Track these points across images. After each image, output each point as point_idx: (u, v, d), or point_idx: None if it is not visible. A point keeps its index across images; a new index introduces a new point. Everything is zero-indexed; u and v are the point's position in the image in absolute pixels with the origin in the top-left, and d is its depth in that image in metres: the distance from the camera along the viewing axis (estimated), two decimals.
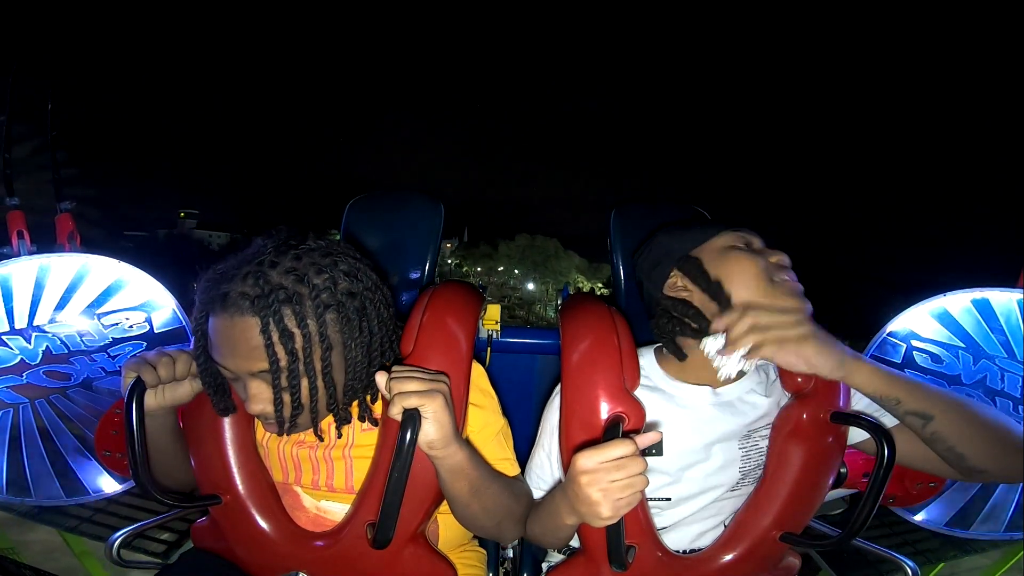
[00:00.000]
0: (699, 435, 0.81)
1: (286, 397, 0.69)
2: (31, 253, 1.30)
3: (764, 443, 0.83)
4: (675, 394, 0.83)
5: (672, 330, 0.82)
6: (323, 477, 0.82)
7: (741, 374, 0.81)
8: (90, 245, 1.38)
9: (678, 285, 0.83)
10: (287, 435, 0.73)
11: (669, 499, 0.82)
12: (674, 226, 0.88)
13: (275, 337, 0.65)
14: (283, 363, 0.66)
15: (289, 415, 0.70)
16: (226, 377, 0.72)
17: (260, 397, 0.69)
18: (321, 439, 0.80)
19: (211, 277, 0.70)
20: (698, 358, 0.78)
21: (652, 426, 0.80)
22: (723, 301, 0.77)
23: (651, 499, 0.81)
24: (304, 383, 0.69)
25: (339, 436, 0.82)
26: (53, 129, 1.47)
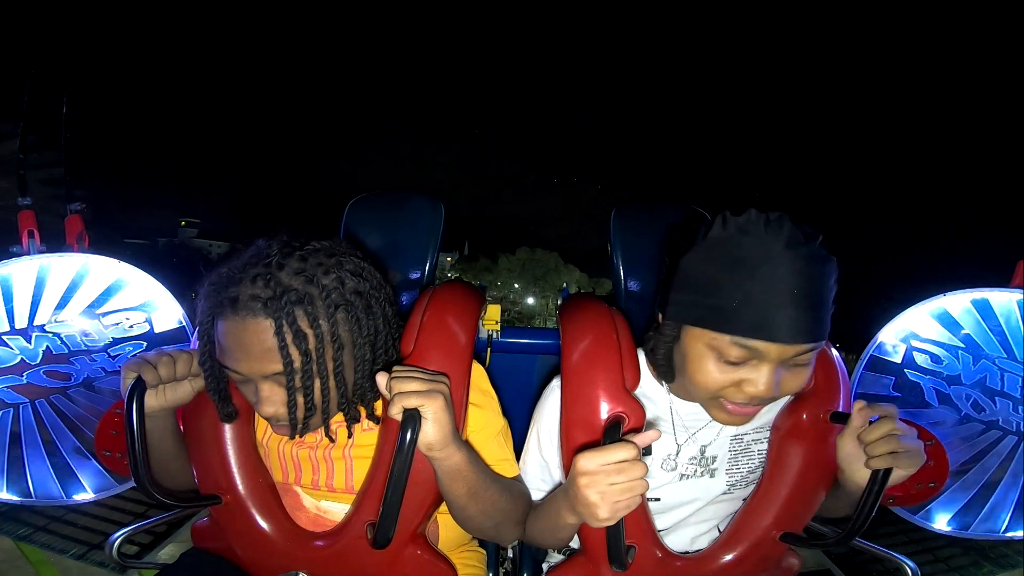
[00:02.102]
0: (681, 431, 0.82)
1: (300, 398, 0.69)
2: (41, 252, 1.30)
3: (755, 447, 0.84)
4: (658, 399, 0.83)
5: (650, 342, 0.79)
6: (323, 477, 0.82)
7: None
8: (91, 251, 1.39)
9: (659, 322, 0.76)
10: (299, 436, 0.73)
11: (659, 499, 0.82)
12: (711, 277, 0.66)
13: (289, 338, 0.65)
14: (297, 364, 0.66)
15: (302, 416, 0.70)
16: (234, 381, 0.72)
17: (273, 399, 0.69)
18: (332, 440, 0.80)
19: (215, 281, 0.69)
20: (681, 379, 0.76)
21: (652, 425, 0.80)
22: (664, 374, 0.77)
23: None
24: (317, 383, 0.69)
25: (336, 437, 0.82)
26: (66, 132, 1.48)
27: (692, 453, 0.82)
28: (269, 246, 0.71)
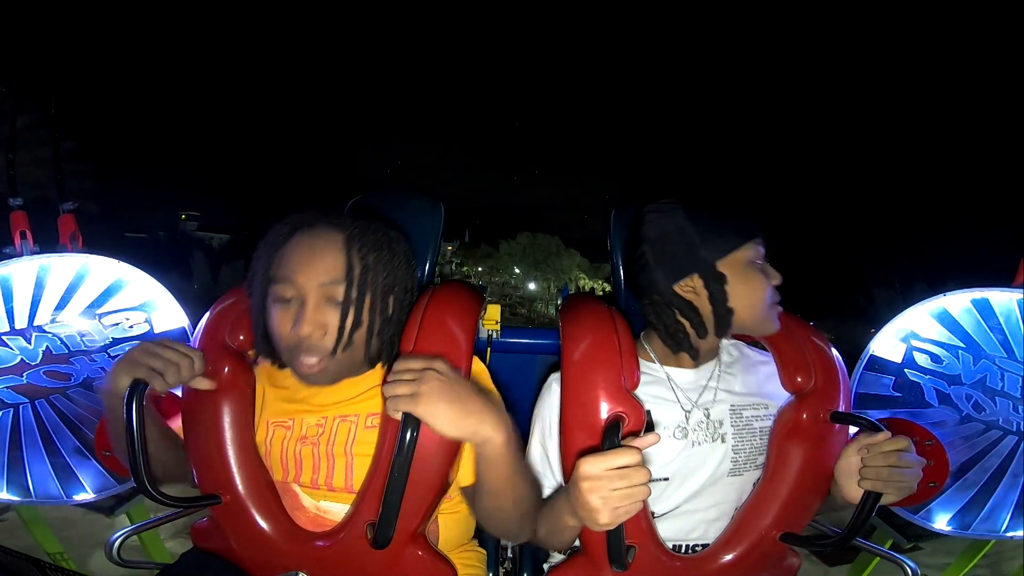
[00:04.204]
0: (683, 398, 0.85)
1: (352, 310, 0.76)
2: (33, 253, 1.30)
3: (757, 424, 0.85)
4: (656, 374, 0.87)
5: (674, 325, 0.84)
6: (323, 475, 0.82)
7: (711, 355, 0.88)
8: (91, 247, 1.38)
9: (691, 288, 0.83)
10: (335, 355, 0.76)
11: (667, 479, 0.83)
12: (700, 219, 0.83)
13: (355, 249, 0.77)
14: (356, 273, 0.76)
15: (351, 326, 0.76)
16: (278, 303, 0.77)
17: (313, 319, 0.75)
18: (373, 365, 0.84)
19: (289, 219, 0.80)
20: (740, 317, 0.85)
21: (652, 427, 0.81)
22: (724, 324, 0.83)
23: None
24: (368, 299, 0.77)
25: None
26: (56, 130, 1.47)
27: (699, 418, 0.84)
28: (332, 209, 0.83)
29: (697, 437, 0.84)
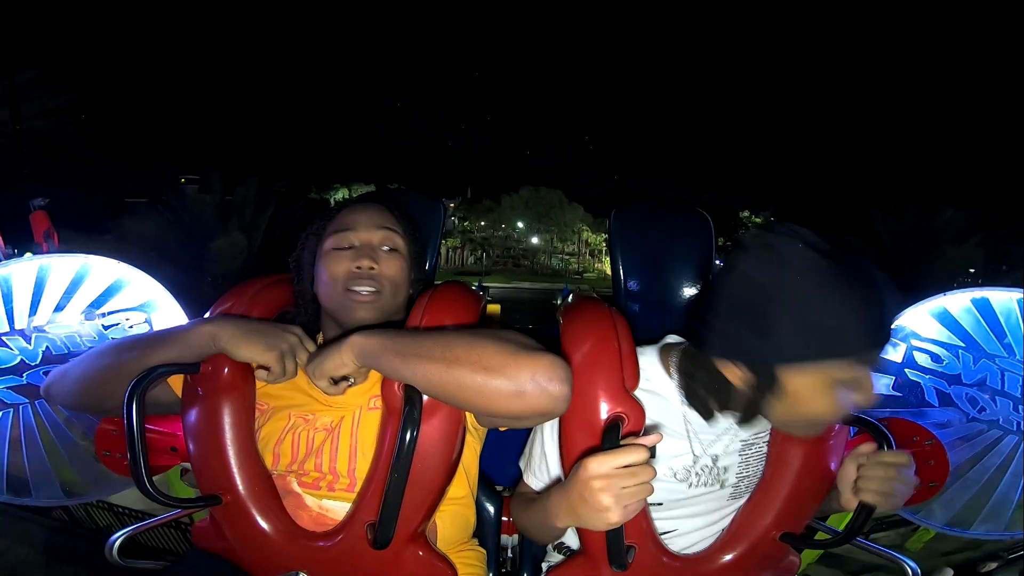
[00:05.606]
0: (696, 442, 0.81)
1: (395, 256, 0.91)
2: (6, 254, 1.30)
3: (766, 448, 0.83)
4: (672, 407, 0.81)
5: (696, 387, 0.77)
6: (326, 461, 0.82)
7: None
8: (92, 213, 1.38)
9: (734, 372, 0.69)
10: (382, 294, 0.87)
11: (660, 503, 0.81)
12: (804, 299, 0.60)
13: (396, 214, 0.94)
14: (399, 227, 0.93)
15: (408, 264, 0.92)
16: (336, 249, 0.88)
17: (371, 255, 0.87)
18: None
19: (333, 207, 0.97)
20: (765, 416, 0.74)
21: (652, 428, 0.80)
22: (750, 419, 0.73)
23: None
24: (412, 248, 0.94)
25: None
26: (16, 123, 1.47)
27: (705, 463, 0.81)
28: None
29: (699, 480, 0.81)
